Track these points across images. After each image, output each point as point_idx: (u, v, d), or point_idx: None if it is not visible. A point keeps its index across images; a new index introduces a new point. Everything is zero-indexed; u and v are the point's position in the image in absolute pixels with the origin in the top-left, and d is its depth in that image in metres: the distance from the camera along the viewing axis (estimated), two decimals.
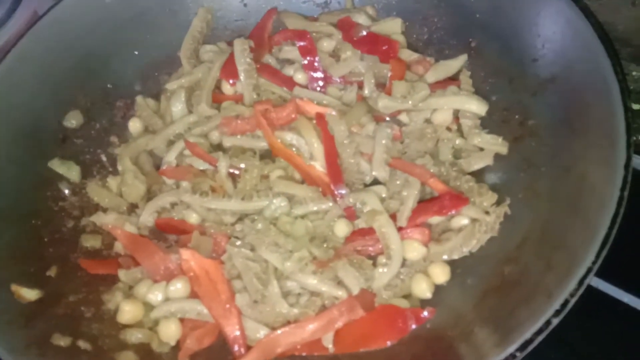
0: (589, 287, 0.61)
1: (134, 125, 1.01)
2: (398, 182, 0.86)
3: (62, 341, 0.72)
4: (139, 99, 1.03)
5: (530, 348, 0.58)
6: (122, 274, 0.83)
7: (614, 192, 0.64)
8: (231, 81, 1.00)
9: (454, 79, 0.96)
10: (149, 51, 1.06)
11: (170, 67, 1.07)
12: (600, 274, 0.62)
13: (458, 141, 0.90)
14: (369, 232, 0.82)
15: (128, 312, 0.78)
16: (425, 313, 0.74)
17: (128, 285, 0.83)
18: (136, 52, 1.05)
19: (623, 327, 0.84)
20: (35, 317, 0.73)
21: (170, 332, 0.77)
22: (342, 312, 0.75)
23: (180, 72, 1.05)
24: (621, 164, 0.65)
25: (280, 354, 0.74)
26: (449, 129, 0.92)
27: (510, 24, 0.89)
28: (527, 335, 0.58)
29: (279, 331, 0.74)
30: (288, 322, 0.76)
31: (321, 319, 0.75)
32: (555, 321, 0.58)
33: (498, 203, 0.81)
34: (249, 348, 0.75)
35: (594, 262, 0.60)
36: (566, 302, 0.59)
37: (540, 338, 0.58)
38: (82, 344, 0.73)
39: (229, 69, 1.00)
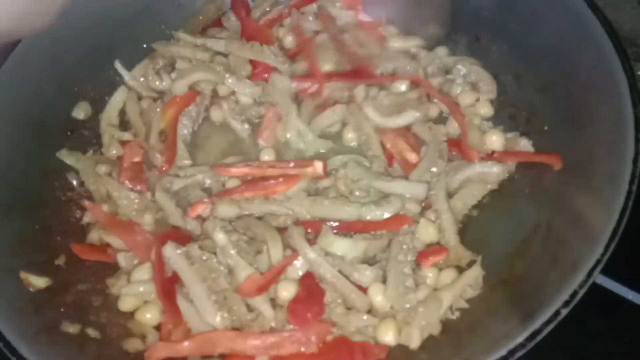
0: (594, 284, 0.61)
1: None
2: None
3: (71, 329, 0.72)
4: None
5: (538, 338, 0.58)
6: (121, 258, 0.82)
7: (623, 186, 0.64)
8: None
9: None
10: None
11: None
12: (604, 271, 0.62)
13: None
14: None
15: (128, 300, 0.78)
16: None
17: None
18: (144, 45, 1.05)
19: (627, 325, 0.84)
20: (44, 305, 0.73)
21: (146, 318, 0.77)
22: (293, 340, 0.71)
23: None
24: (630, 158, 0.66)
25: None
26: None
27: (517, 20, 0.89)
28: (536, 325, 0.58)
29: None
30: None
31: (266, 339, 0.71)
32: (564, 312, 0.59)
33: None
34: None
35: (602, 255, 0.61)
36: (575, 293, 0.59)
37: (549, 328, 0.58)
38: (91, 332, 0.73)
39: None
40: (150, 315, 0.77)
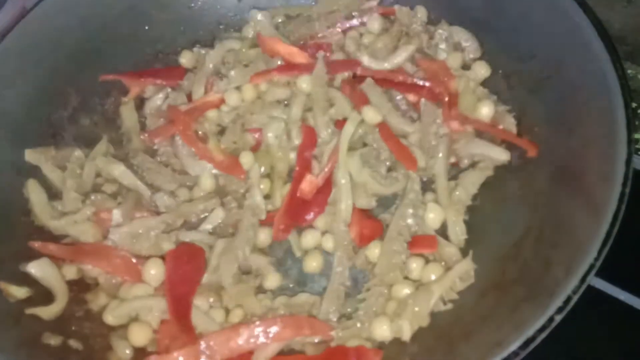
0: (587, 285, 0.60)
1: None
2: None
3: (52, 340, 0.71)
4: None
5: (532, 346, 0.57)
6: (102, 278, 0.79)
7: (615, 188, 0.63)
8: None
9: None
10: (139, 46, 1.05)
11: (162, 62, 1.06)
12: (596, 272, 0.61)
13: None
14: None
15: (118, 319, 0.76)
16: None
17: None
18: (127, 47, 1.03)
19: (619, 325, 0.83)
20: (25, 316, 0.72)
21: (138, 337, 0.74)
22: (286, 324, 0.71)
23: None
24: (622, 159, 0.65)
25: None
26: None
27: (507, 21, 0.88)
28: (530, 332, 0.57)
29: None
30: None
31: (257, 326, 0.71)
32: (558, 318, 0.58)
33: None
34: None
35: (596, 259, 0.60)
36: (569, 299, 0.58)
37: (542, 335, 0.57)
38: (73, 344, 0.71)
39: None
40: (143, 334, 0.74)
